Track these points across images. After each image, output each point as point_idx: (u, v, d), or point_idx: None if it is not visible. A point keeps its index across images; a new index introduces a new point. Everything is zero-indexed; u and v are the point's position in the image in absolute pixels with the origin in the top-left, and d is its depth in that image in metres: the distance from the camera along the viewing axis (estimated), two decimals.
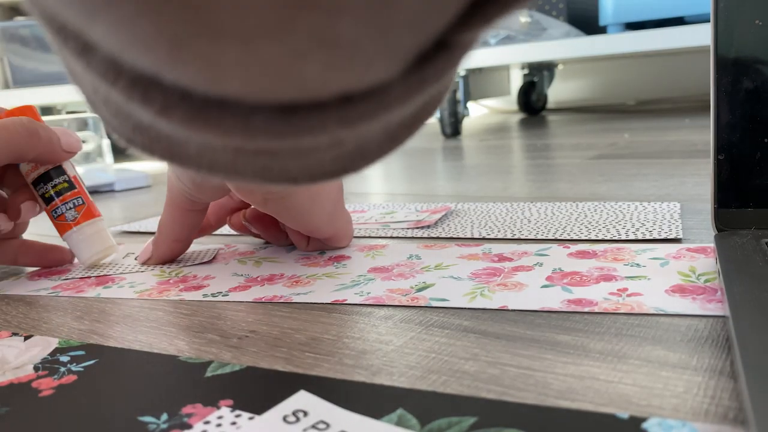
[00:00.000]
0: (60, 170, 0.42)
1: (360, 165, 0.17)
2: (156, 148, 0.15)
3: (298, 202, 0.36)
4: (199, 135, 0.13)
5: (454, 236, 0.44)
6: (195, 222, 0.41)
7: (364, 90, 0.13)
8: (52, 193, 0.42)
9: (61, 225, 0.42)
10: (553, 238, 0.41)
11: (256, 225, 0.42)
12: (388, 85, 0.13)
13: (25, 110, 0.41)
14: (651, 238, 0.39)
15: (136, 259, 0.44)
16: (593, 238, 0.40)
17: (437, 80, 0.14)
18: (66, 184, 0.42)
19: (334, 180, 0.17)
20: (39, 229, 0.57)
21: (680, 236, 0.39)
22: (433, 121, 1.38)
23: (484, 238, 0.43)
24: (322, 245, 0.42)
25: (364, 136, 0.15)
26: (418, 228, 0.46)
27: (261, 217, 0.42)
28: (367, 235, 0.46)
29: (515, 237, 0.42)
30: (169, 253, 0.42)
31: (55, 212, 0.42)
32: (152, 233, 0.53)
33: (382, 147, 0.16)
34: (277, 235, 0.43)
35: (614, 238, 0.40)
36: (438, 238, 0.44)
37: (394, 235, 0.45)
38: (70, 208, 0.42)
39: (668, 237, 0.39)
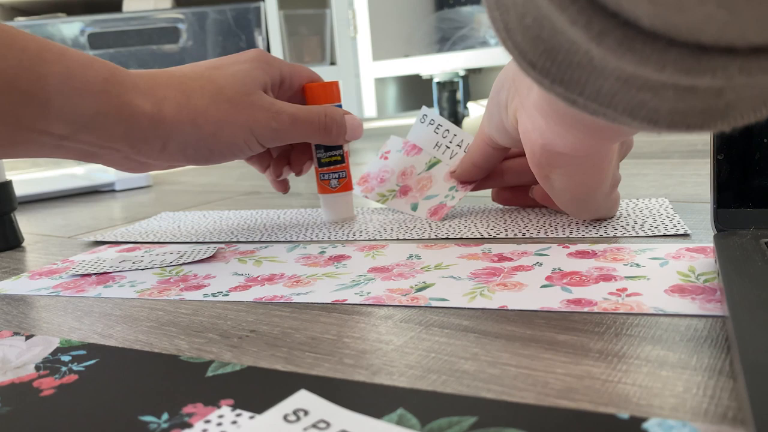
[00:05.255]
0: (339, 146, 0.50)
1: (725, 124, 0.17)
2: (554, 71, 0.18)
3: (578, 182, 0.39)
4: (615, 61, 0.15)
5: (454, 236, 0.44)
6: (492, 156, 0.47)
7: None
8: (326, 161, 0.50)
9: (323, 187, 0.51)
10: (554, 236, 0.41)
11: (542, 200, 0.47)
12: None
13: (329, 86, 0.49)
14: (659, 234, 0.40)
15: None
16: (601, 235, 0.40)
17: None
18: (339, 158, 0.51)
19: (694, 132, 0.18)
20: (43, 228, 0.57)
21: (688, 231, 0.40)
22: None
23: (484, 238, 0.43)
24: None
25: (745, 91, 0.16)
26: (436, 213, 0.47)
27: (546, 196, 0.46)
28: (386, 237, 0.46)
29: (515, 237, 0.42)
30: (467, 174, 0.49)
31: (323, 176, 0.51)
32: (127, 242, 0.53)
33: (756, 110, 0.17)
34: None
35: (623, 235, 0.40)
36: (438, 238, 0.44)
37: (398, 237, 0.45)
38: (335, 178, 0.51)
39: (677, 233, 0.39)
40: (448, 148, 0.52)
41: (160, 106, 0.39)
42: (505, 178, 0.49)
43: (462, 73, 1.29)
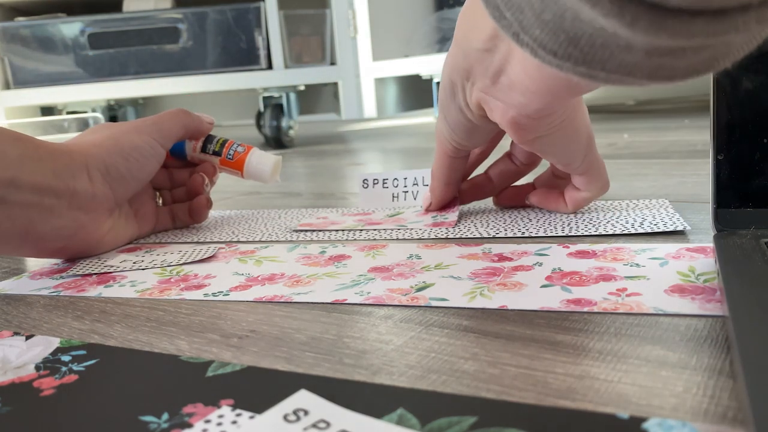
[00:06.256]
0: (213, 136, 0.54)
1: (720, 65, 0.20)
2: (576, 54, 0.20)
3: (561, 138, 0.40)
4: (646, 39, 0.17)
5: (454, 236, 0.44)
6: (459, 167, 0.48)
7: None
8: (218, 146, 0.53)
9: (239, 160, 0.53)
10: (554, 236, 0.41)
11: (536, 200, 0.49)
12: None
13: None
14: (658, 230, 0.40)
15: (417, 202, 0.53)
16: (600, 233, 0.40)
17: None
18: (223, 139, 0.54)
19: (700, 76, 0.20)
20: None
21: (687, 227, 0.40)
22: (433, 121, 1.38)
23: (484, 238, 0.43)
24: (580, 199, 0.45)
25: (752, 34, 0.18)
26: (439, 227, 0.46)
27: (544, 195, 0.48)
28: (386, 237, 0.46)
29: (515, 237, 0.42)
30: (443, 197, 0.50)
31: (229, 155, 0.53)
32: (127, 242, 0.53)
33: (741, 49, 0.19)
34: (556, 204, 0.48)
35: (623, 232, 0.40)
36: (438, 238, 0.44)
37: (407, 237, 0.45)
38: (237, 146, 0.53)
39: (676, 229, 0.40)
40: (406, 191, 0.52)
41: (70, 145, 0.44)
42: (495, 184, 0.50)
43: None
